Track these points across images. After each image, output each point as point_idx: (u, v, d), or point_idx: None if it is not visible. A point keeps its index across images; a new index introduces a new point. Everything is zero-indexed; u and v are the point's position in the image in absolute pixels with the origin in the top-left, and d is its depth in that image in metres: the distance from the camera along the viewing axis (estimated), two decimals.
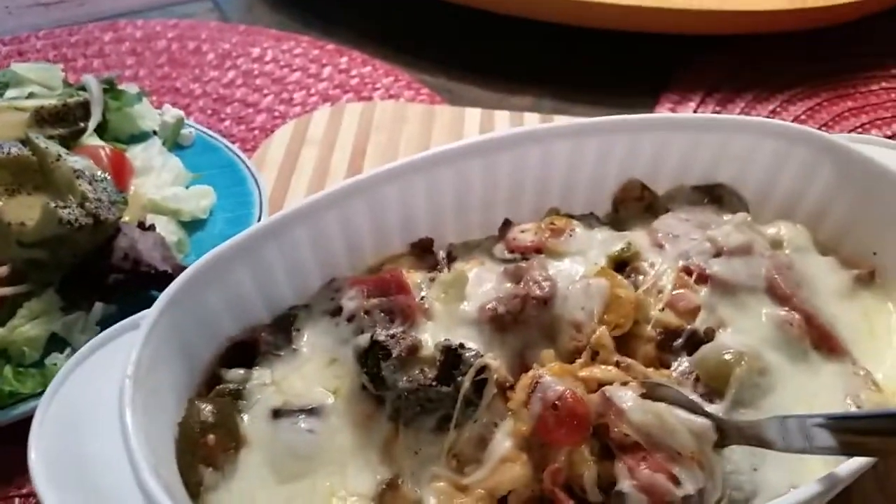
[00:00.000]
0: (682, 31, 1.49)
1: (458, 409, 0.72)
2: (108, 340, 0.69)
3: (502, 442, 0.72)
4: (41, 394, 0.86)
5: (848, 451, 0.62)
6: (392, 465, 0.72)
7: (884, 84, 1.52)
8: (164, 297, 0.71)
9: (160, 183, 1.09)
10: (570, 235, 0.88)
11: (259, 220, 1.07)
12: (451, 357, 0.74)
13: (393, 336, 0.76)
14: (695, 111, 1.39)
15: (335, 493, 0.70)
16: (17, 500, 0.88)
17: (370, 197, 0.85)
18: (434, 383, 0.73)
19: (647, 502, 0.66)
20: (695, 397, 0.72)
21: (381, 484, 0.71)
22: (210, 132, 1.23)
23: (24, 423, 0.87)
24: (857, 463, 0.63)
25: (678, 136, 0.95)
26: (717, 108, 1.42)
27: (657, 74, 1.48)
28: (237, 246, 0.78)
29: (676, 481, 0.67)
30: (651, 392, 0.72)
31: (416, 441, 0.73)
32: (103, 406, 0.64)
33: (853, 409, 0.74)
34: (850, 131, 1.40)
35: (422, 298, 0.81)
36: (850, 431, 0.61)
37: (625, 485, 0.67)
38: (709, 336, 0.79)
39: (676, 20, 1.47)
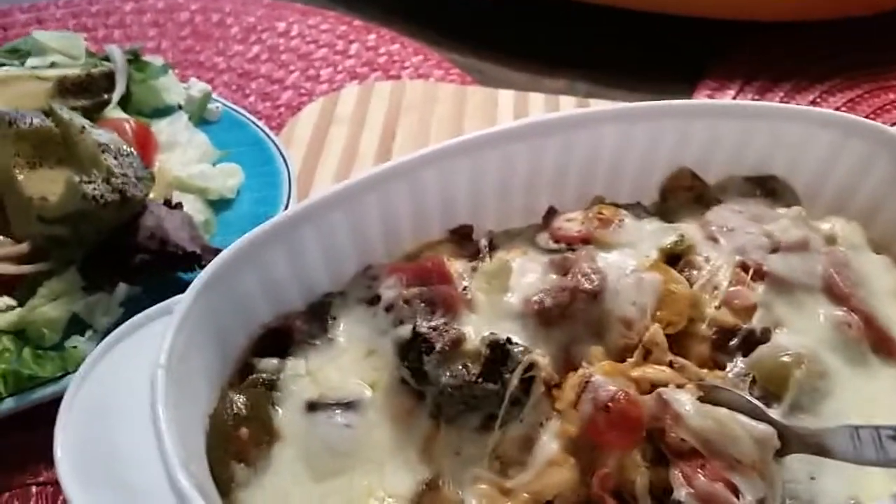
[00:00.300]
0: (718, 16, 1.45)
1: (504, 408, 0.68)
2: (139, 326, 0.66)
3: (549, 444, 0.69)
4: (61, 378, 0.85)
5: None
6: (432, 464, 0.69)
7: None
8: (198, 282, 0.67)
9: (186, 160, 1.05)
10: (619, 226, 0.83)
11: (288, 200, 1.03)
12: (499, 352, 0.70)
13: (435, 328, 0.72)
14: (734, 99, 1.35)
15: (373, 493, 0.66)
16: (33, 488, 0.85)
17: (411, 180, 0.81)
18: (479, 380, 0.69)
19: None
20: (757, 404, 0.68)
21: (421, 484, 0.67)
22: (237, 108, 1.18)
23: (43, 409, 0.85)
24: None
25: (730, 123, 0.91)
26: (756, 97, 1.38)
27: (692, 61, 1.44)
28: (273, 229, 0.74)
29: (736, 491, 0.63)
30: (709, 395, 0.68)
31: (458, 440, 0.69)
32: (133, 395, 0.60)
33: None
34: (892, 124, 1.36)
35: (464, 289, 0.77)
36: None
37: (681, 493, 0.63)
38: (765, 336, 0.75)
39: (713, 4, 1.42)
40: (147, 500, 0.55)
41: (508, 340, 0.71)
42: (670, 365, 0.72)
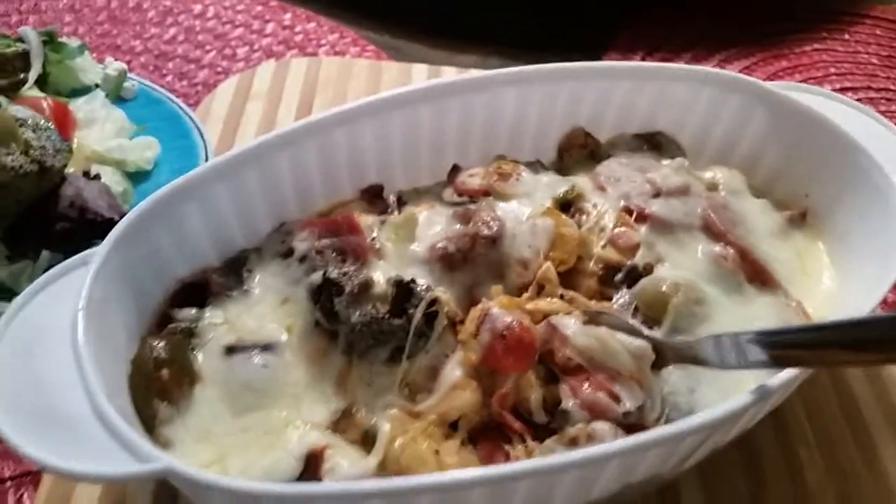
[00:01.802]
0: None
1: (410, 341, 0.74)
2: (57, 277, 0.69)
3: (452, 371, 0.74)
4: None
5: (779, 364, 0.65)
6: (346, 396, 0.74)
7: (816, 46, 1.58)
8: (112, 235, 0.71)
9: (104, 135, 1.08)
10: (517, 179, 0.90)
11: None
12: (403, 290, 0.75)
13: (345, 273, 0.77)
14: None
15: (291, 423, 0.71)
16: None
17: (321, 139, 0.86)
18: (387, 316, 0.74)
19: (589, 418, 0.69)
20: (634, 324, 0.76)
21: (336, 413, 0.72)
22: (153, 85, 1.21)
23: None
24: (786, 375, 0.66)
25: (620, 84, 0.98)
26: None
27: (601, 34, 1.51)
28: (185, 185, 0.78)
29: (617, 399, 0.70)
30: (593, 319, 0.75)
31: (370, 373, 0.75)
32: (55, 339, 0.64)
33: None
34: None
35: (373, 239, 0.83)
36: (780, 345, 0.64)
37: (569, 403, 0.70)
38: (647, 271, 0.82)
39: None
40: (71, 428, 0.58)
41: (412, 280, 0.76)
42: (561, 297, 0.79)
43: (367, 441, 0.72)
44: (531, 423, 0.72)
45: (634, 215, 0.86)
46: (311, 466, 0.68)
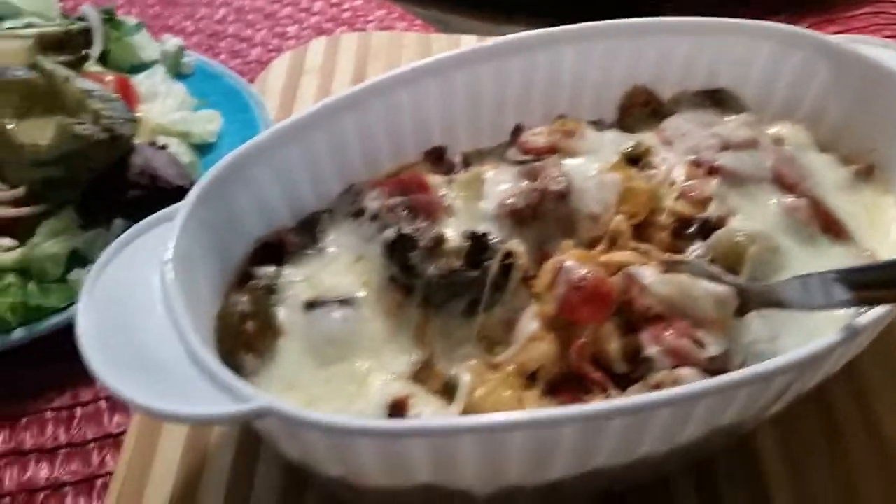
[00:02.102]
0: None
1: (486, 292, 0.74)
2: (141, 232, 0.70)
3: (529, 323, 0.75)
4: (66, 308, 0.89)
5: (866, 303, 0.65)
6: (424, 349, 0.74)
7: (867, 9, 1.55)
8: (194, 192, 0.72)
9: (166, 109, 1.09)
10: (582, 137, 0.90)
11: None
12: (478, 243, 0.76)
13: (418, 229, 0.78)
14: None
15: (373, 374, 0.72)
16: (48, 413, 0.90)
17: (386, 100, 0.86)
18: (462, 268, 0.75)
19: (672, 365, 0.69)
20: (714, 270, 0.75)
21: (417, 363, 0.73)
22: (210, 61, 1.23)
23: (52, 341, 0.90)
24: (874, 314, 0.66)
25: (681, 40, 0.97)
26: None
27: (650, 7, 1.49)
28: (259, 146, 0.79)
29: (701, 345, 0.70)
30: (671, 269, 0.75)
31: (447, 325, 0.75)
32: (144, 290, 0.65)
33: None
34: None
35: (441, 197, 0.83)
36: (867, 284, 0.64)
37: (651, 350, 0.70)
38: (720, 223, 0.82)
39: None
40: (167, 374, 0.60)
41: (486, 233, 0.77)
42: (635, 251, 0.79)
43: (447, 391, 0.72)
44: (610, 373, 0.72)
45: (704, 169, 0.86)
46: (396, 415, 0.69)
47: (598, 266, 0.76)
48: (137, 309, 0.64)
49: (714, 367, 0.69)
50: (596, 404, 0.61)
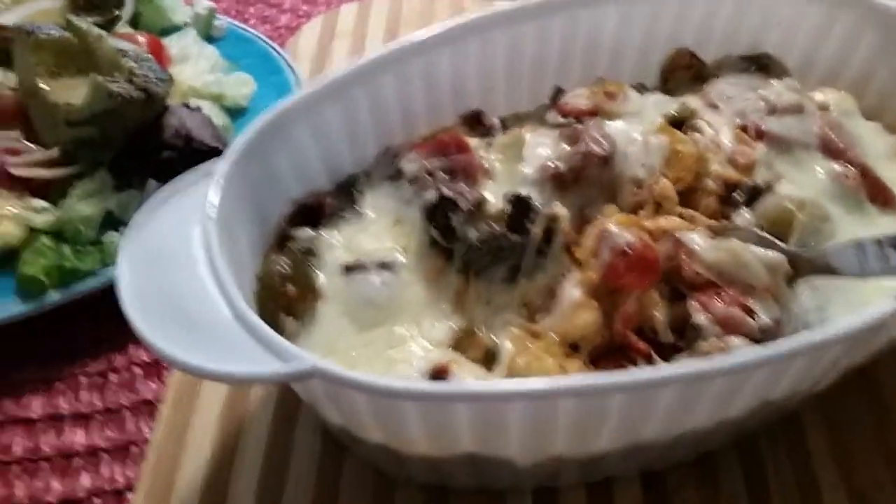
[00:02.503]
0: None
1: (528, 257, 0.73)
2: (181, 188, 0.69)
3: (571, 290, 0.73)
4: (100, 270, 0.88)
5: None
6: (464, 314, 0.73)
7: None
8: (233, 150, 0.71)
9: (198, 71, 1.08)
10: (625, 98, 0.88)
11: None
12: (521, 206, 0.74)
13: (459, 192, 0.76)
14: None
15: (413, 339, 0.71)
16: (82, 378, 0.89)
17: (425, 60, 0.85)
18: (505, 232, 0.73)
19: (722, 333, 0.67)
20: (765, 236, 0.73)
21: (457, 330, 0.72)
22: (242, 25, 1.21)
23: (86, 305, 0.89)
24: None
25: (726, 2, 0.94)
26: None
27: None
28: (299, 105, 0.77)
29: (752, 313, 0.68)
30: (719, 234, 0.73)
31: (488, 291, 0.74)
32: (183, 248, 0.64)
33: None
34: None
35: (481, 159, 0.81)
36: None
37: (700, 318, 0.68)
38: (768, 189, 0.80)
39: None
40: (211, 333, 0.59)
41: (529, 196, 0.75)
42: (680, 217, 0.77)
43: (488, 359, 0.71)
44: (656, 343, 0.70)
45: (751, 132, 0.83)
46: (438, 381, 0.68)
47: (644, 231, 0.74)
48: (178, 266, 0.63)
49: (765, 336, 0.67)
50: (649, 370, 0.59)
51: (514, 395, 0.56)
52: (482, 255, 0.74)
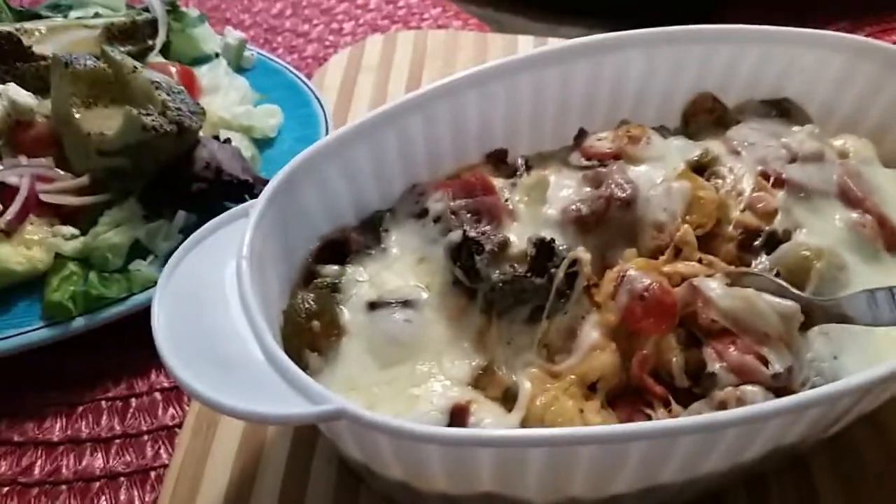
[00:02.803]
0: None
1: (551, 300, 0.74)
2: (218, 227, 0.71)
3: (590, 332, 0.74)
4: (126, 299, 0.90)
5: None
6: (485, 353, 0.74)
7: None
8: (268, 190, 0.73)
9: (228, 102, 1.10)
10: (648, 143, 0.89)
11: None
12: (544, 249, 0.75)
13: (483, 233, 0.78)
14: None
15: (434, 377, 0.72)
16: (103, 403, 0.91)
17: (452, 103, 0.86)
18: (529, 275, 0.74)
19: (736, 382, 0.68)
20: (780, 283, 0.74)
21: (477, 369, 0.73)
22: (271, 56, 1.23)
23: (109, 331, 0.91)
24: None
25: (751, 48, 0.96)
26: None
27: (704, 10, 1.48)
28: (331, 145, 0.79)
29: (765, 361, 0.69)
30: (736, 281, 0.74)
31: (509, 331, 0.75)
32: (217, 287, 0.66)
33: None
34: None
35: (505, 200, 0.83)
36: None
37: (715, 366, 0.69)
38: (786, 236, 0.81)
39: None
40: (241, 372, 0.60)
41: (552, 239, 0.76)
42: (699, 262, 0.78)
43: (507, 398, 0.72)
44: (672, 387, 0.71)
45: (772, 180, 0.85)
46: (457, 420, 0.69)
47: (662, 276, 0.75)
48: (211, 305, 0.64)
49: (778, 384, 0.68)
50: (667, 421, 0.60)
51: (535, 443, 0.57)
52: (505, 296, 0.75)
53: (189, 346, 0.61)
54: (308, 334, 0.72)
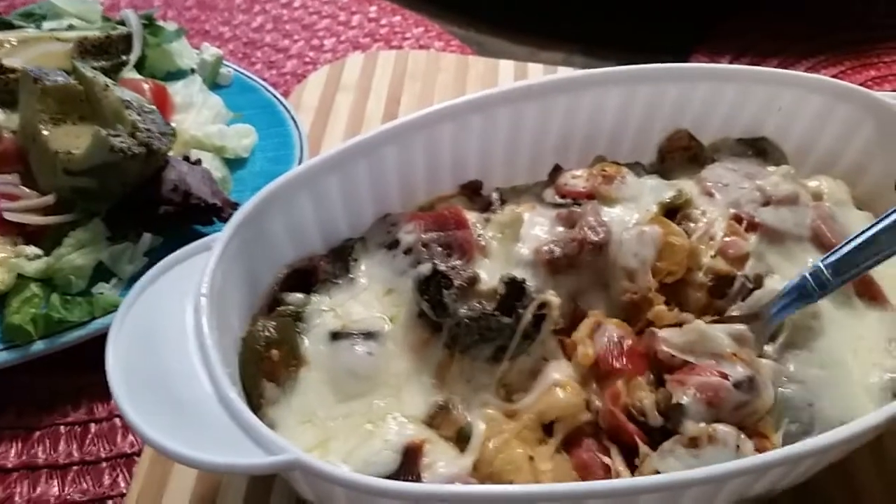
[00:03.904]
0: None
1: (516, 340, 0.73)
2: (181, 260, 0.70)
3: (552, 373, 0.74)
4: (88, 322, 0.88)
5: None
6: (444, 390, 0.74)
7: None
8: (235, 220, 0.72)
9: (201, 120, 1.09)
10: (622, 182, 0.88)
11: (300, 159, 1.07)
12: (515, 289, 0.75)
13: (454, 267, 0.77)
14: None
15: (390, 413, 0.71)
16: (62, 427, 0.89)
17: (428, 134, 0.86)
18: (496, 313, 0.73)
19: (704, 404, 0.68)
20: None
21: (434, 407, 0.72)
22: (248, 73, 1.22)
23: (69, 353, 0.89)
24: None
25: (730, 86, 0.95)
26: None
27: (684, 37, 1.48)
28: (302, 176, 0.78)
29: (725, 376, 0.70)
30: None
31: (470, 369, 0.74)
32: (176, 324, 0.64)
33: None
34: None
35: (478, 236, 0.82)
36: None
37: (681, 396, 0.69)
38: (757, 283, 0.80)
39: None
40: (196, 415, 0.59)
41: (524, 280, 0.75)
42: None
43: (461, 438, 0.71)
44: (645, 426, 0.71)
45: (744, 224, 0.84)
46: (410, 459, 0.68)
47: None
48: (169, 342, 0.63)
49: (744, 388, 0.69)
50: (622, 480, 0.60)
51: (483, 499, 0.56)
52: (470, 333, 0.74)
53: (143, 387, 0.60)
54: (266, 363, 0.71)
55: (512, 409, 0.72)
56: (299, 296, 0.78)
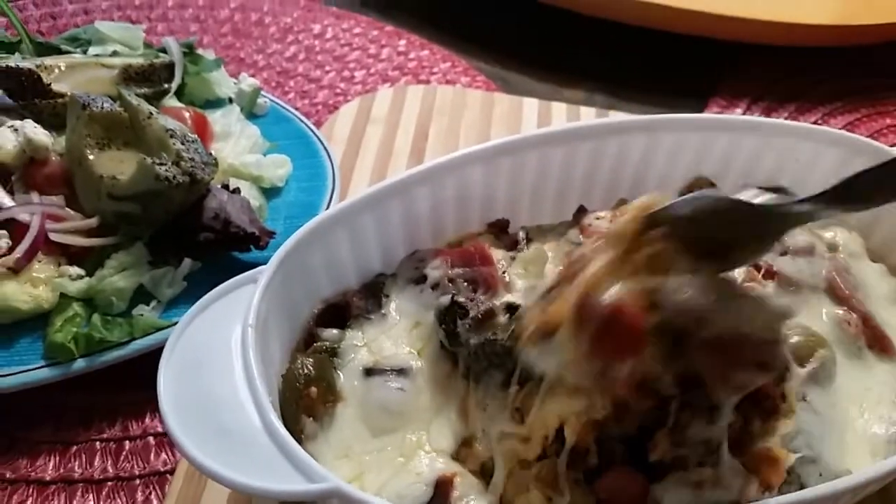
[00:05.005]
0: (727, 36, 1.53)
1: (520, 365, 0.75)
2: (227, 292, 0.73)
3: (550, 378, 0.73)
4: (127, 343, 0.92)
5: None
6: (467, 423, 0.76)
7: None
8: (278, 256, 0.75)
9: (239, 149, 1.12)
10: None
11: (332, 190, 1.10)
12: (513, 314, 0.77)
13: (472, 299, 0.80)
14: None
15: (422, 447, 0.74)
16: (97, 443, 0.92)
17: (458, 175, 0.89)
18: (501, 338, 0.75)
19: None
20: None
21: (459, 441, 0.75)
22: (283, 103, 1.26)
23: (109, 371, 0.93)
24: None
25: (749, 137, 0.99)
26: (762, 116, 1.46)
27: (702, 78, 1.53)
28: (340, 213, 0.82)
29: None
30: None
31: (485, 396, 0.76)
32: (223, 353, 0.68)
33: None
34: (890, 146, 1.44)
35: (503, 273, 0.85)
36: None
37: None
38: None
39: (722, 26, 1.50)
40: (241, 441, 0.62)
41: (520, 305, 0.77)
42: None
43: (485, 472, 0.74)
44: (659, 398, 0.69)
45: (762, 272, 0.87)
46: (442, 492, 0.71)
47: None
48: (216, 371, 0.67)
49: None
50: None
51: None
52: (480, 360, 0.76)
53: (191, 412, 0.63)
54: (306, 399, 0.74)
55: (525, 434, 0.73)
56: (334, 331, 0.82)
